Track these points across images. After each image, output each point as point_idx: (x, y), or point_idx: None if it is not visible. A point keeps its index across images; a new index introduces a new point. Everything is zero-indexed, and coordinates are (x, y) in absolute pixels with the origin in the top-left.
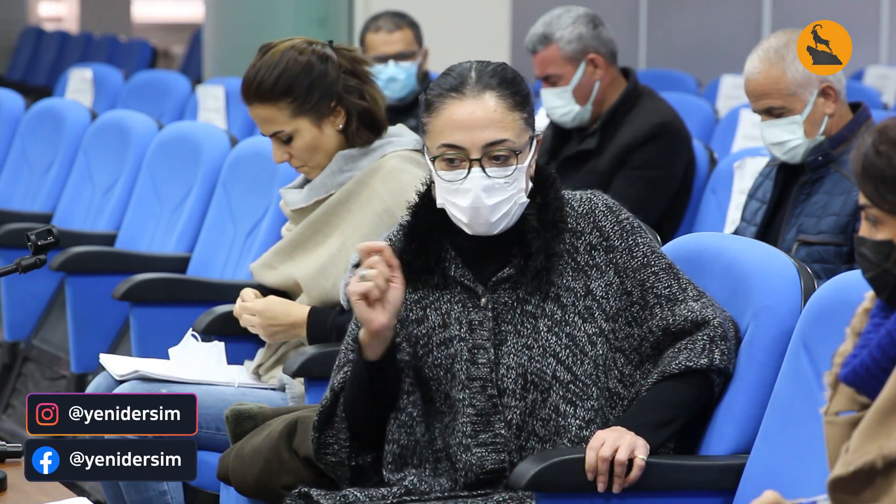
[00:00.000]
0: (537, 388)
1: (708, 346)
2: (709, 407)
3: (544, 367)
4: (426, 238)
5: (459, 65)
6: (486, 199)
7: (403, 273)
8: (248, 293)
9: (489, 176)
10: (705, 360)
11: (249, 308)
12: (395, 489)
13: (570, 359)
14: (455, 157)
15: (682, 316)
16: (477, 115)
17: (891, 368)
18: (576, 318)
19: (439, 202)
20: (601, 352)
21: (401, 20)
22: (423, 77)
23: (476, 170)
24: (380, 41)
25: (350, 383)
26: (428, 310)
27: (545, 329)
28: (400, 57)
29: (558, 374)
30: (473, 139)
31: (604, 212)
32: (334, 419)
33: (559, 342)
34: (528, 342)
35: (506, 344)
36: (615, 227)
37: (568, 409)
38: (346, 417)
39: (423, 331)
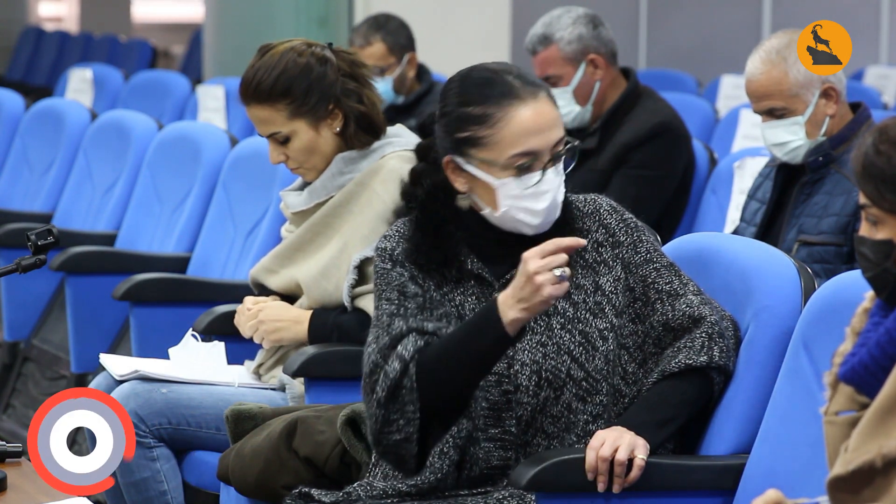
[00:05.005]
0: (551, 386)
1: (706, 343)
2: (709, 406)
3: (559, 365)
4: (438, 232)
5: (483, 69)
6: (559, 197)
7: (422, 264)
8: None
9: (558, 174)
10: (704, 357)
11: (252, 310)
12: (400, 487)
13: (583, 356)
14: (528, 163)
15: (680, 311)
16: (545, 116)
17: (890, 367)
18: (587, 315)
19: (503, 208)
20: (612, 346)
21: (373, 34)
22: (419, 76)
23: (550, 171)
24: None
25: (456, 353)
26: (443, 299)
27: (558, 326)
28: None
29: (572, 373)
30: (547, 141)
31: (608, 211)
32: (402, 391)
33: (573, 339)
34: (542, 339)
35: (520, 340)
36: (620, 225)
37: (579, 405)
38: (417, 387)
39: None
